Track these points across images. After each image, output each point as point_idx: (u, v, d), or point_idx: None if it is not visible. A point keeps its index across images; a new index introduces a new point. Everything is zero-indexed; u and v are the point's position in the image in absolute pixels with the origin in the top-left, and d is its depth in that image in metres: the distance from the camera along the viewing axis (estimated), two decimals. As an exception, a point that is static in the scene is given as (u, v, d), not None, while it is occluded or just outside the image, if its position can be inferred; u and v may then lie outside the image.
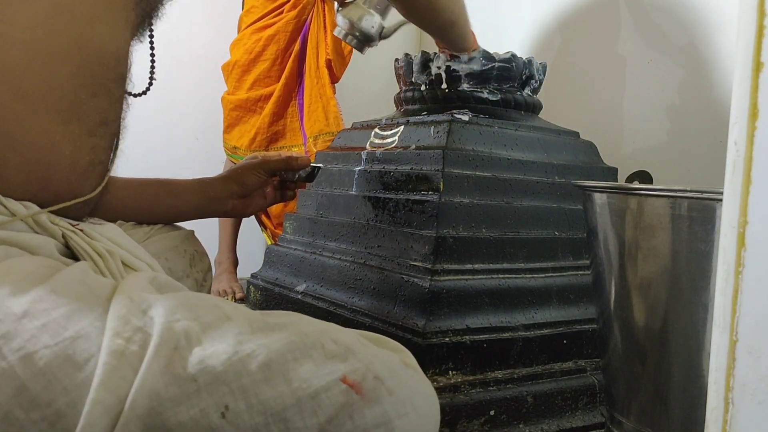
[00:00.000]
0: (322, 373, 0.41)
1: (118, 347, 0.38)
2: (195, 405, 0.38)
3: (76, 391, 0.36)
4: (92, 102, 0.49)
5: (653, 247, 0.67)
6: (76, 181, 0.49)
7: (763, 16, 0.35)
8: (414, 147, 1.03)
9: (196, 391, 0.38)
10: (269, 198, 0.91)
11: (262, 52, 1.74)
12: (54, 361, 0.36)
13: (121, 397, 0.36)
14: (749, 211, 0.35)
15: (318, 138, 1.74)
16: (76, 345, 0.37)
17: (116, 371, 0.37)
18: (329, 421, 0.40)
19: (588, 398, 0.92)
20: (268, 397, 0.39)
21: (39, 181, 0.46)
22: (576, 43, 1.71)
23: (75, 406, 0.36)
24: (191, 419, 0.37)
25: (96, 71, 0.49)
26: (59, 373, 0.36)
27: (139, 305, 0.40)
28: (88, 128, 0.49)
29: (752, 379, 0.36)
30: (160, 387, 0.37)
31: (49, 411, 0.36)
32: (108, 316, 0.39)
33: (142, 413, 0.36)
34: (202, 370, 0.38)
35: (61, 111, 0.47)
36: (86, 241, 0.48)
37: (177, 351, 0.38)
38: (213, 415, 0.38)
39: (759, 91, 0.35)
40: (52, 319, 0.38)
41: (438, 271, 0.89)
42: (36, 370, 0.36)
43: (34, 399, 0.36)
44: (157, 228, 0.80)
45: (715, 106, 1.34)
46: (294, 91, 1.77)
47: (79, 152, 0.49)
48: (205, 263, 0.87)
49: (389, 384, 0.42)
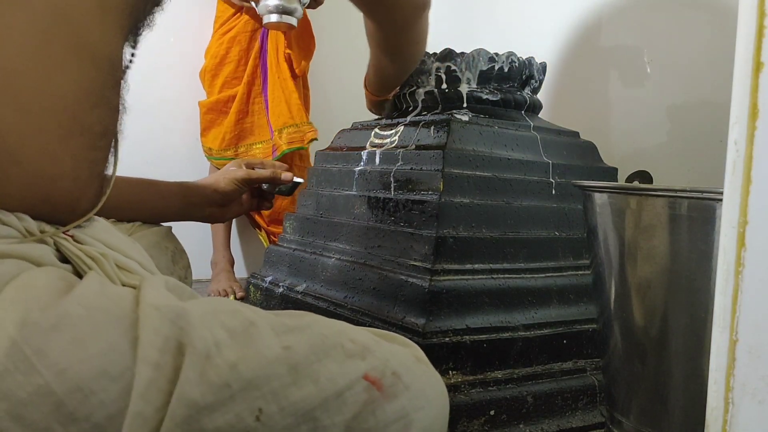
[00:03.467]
0: (345, 372, 0.43)
1: (153, 359, 0.38)
2: (230, 410, 0.39)
3: (113, 404, 0.36)
4: (93, 113, 0.48)
5: (653, 247, 0.67)
6: (78, 193, 0.48)
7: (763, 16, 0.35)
8: (414, 147, 1.03)
9: (231, 397, 0.39)
10: (245, 205, 0.94)
11: (227, 55, 1.80)
12: (88, 375, 0.36)
13: (158, 407, 0.37)
14: (749, 211, 0.35)
15: (283, 131, 1.79)
16: (108, 358, 0.37)
17: (153, 383, 0.37)
18: (354, 418, 0.42)
19: (588, 398, 0.92)
20: (297, 399, 0.41)
21: (40, 196, 0.46)
22: (576, 43, 1.71)
23: (113, 419, 0.36)
24: (227, 424, 0.38)
25: (94, 79, 0.48)
26: (95, 386, 0.36)
27: (166, 314, 0.40)
28: (89, 141, 0.48)
29: (752, 379, 0.36)
30: (196, 395, 0.38)
31: (87, 425, 0.36)
32: (138, 327, 0.39)
33: (181, 422, 0.37)
34: (235, 376, 0.39)
35: (63, 123, 0.46)
36: (78, 247, 0.48)
37: (209, 359, 0.39)
38: (248, 419, 0.39)
39: (759, 91, 0.35)
40: (82, 333, 0.38)
41: (438, 271, 0.89)
42: (72, 386, 0.36)
43: (71, 414, 0.36)
44: (137, 225, 0.80)
45: (715, 106, 1.34)
46: (259, 88, 1.82)
47: (80, 166, 0.48)
48: (185, 260, 0.87)
49: (406, 379, 0.44)
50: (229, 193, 0.88)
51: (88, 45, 0.47)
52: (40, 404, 0.35)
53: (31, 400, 0.35)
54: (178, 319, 0.40)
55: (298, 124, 1.79)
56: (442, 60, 1.11)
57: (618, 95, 1.59)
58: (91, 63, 0.48)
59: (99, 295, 0.41)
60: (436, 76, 1.12)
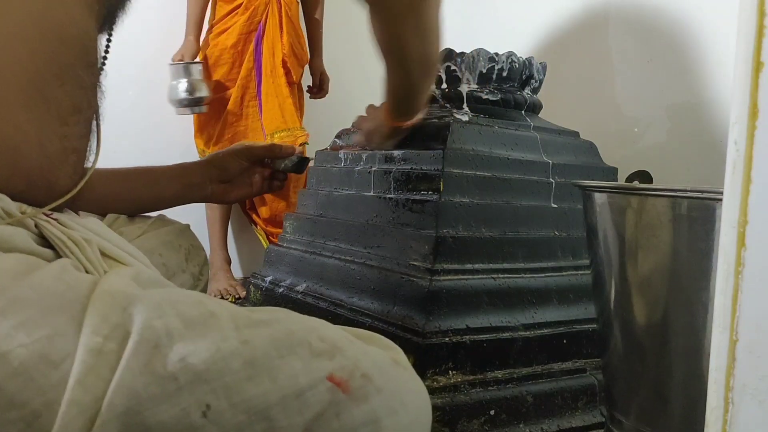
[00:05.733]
0: (308, 370, 0.40)
1: (96, 345, 0.37)
2: (176, 404, 0.37)
3: (52, 390, 0.35)
4: (62, 88, 0.48)
5: (653, 246, 0.67)
6: (49, 167, 0.48)
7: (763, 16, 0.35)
8: (414, 147, 1.03)
9: (177, 390, 0.37)
10: (256, 187, 0.90)
11: (221, 57, 1.80)
12: (29, 360, 0.35)
13: (98, 396, 0.36)
14: (749, 211, 0.35)
15: (275, 135, 1.81)
16: (52, 343, 0.36)
17: (93, 370, 0.36)
18: (315, 419, 0.39)
19: (588, 398, 0.92)
20: (252, 395, 0.38)
21: (7, 167, 0.45)
22: (576, 43, 1.71)
23: (51, 406, 0.35)
24: (172, 418, 0.36)
25: (61, 56, 0.48)
26: (35, 372, 0.35)
27: (119, 302, 0.39)
28: (57, 114, 0.48)
29: (752, 378, 0.36)
30: (139, 386, 0.36)
31: (25, 411, 0.35)
32: (86, 314, 0.38)
33: (121, 413, 0.36)
34: (184, 368, 0.37)
35: (24, 92, 0.45)
36: (60, 230, 0.47)
37: (157, 349, 0.37)
38: (194, 414, 0.37)
39: (759, 91, 0.35)
40: (28, 317, 0.37)
41: (438, 271, 0.89)
42: (11, 370, 0.35)
43: (10, 399, 0.35)
44: (150, 223, 0.79)
45: (715, 106, 1.34)
46: (253, 92, 1.83)
47: (47, 138, 0.47)
48: (201, 257, 0.86)
49: (378, 382, 0.42)
50: (229, 169, 0.85)
51: (50, 20, 0.47)
52: None
53: None
54: (129, 306, 0.39)
55: (291, 129, 1.81)
56: (442, 60, 1.11)
57: (618, 95, 1.59)
58: (58, 40, 0.48)
59: (55, 279, 0.40)
60: (436, 76, 1.12)
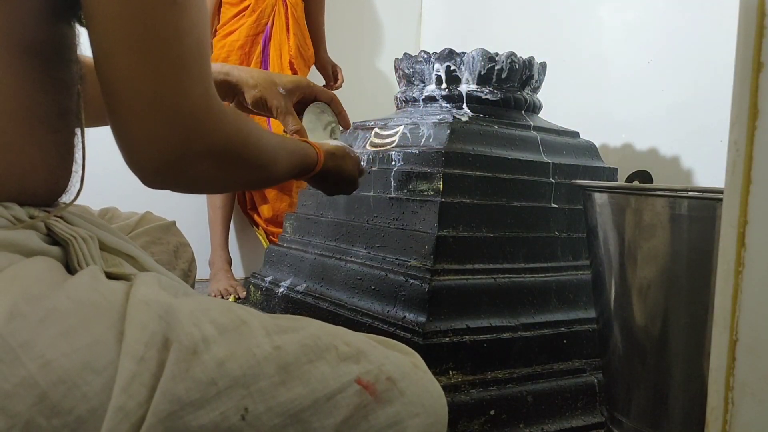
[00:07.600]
0: (337, 374, 0.42)
1: (137, 352, 0.38)
2: (215, 408, 0.38)
3: (96, 397, 0.36)
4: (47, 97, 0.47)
5: (653, 246, 0.67)
6: (53, 180, 0.48)
7: (763, 16, 0.35)
8: (414, 147, 1.03)
9: (217, 395, 0.38)
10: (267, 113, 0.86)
11: (227, 59, 1.79)
12: (73, 368, 0.36)
13: (141, 402, 0.37)
14: (749, 211, 0.35)
15: None
16: (93, 351, 0.37)
17: (137, 377, 0.37)
18: (345, 422, 0.41)
19: (588, 398, 0.92)
20: (286, 399, 0.40)
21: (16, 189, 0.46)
22: (576, 42, 1.71)
23: (96, 413, 0.36)
24: (212, 422, 0.38)
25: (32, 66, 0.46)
26: (78, 380, 0.36)
27: (155, 310, 0.40)
28: (50, 125, 0.48)
29: (752, 378, 0.36)
30: (180, 391, 0.38)
31: (70, 418, 0.36)
32: (125, 322, 0.39)
33: (164, 418, 0.37)
34: (222, 373, 0.39)
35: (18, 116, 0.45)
36: (67, 227, 0.48)
37: (196, 355, 0.39)
38: (233, 418, 0.39)
39: (759, 91, 0.35)
40: (69, 326, 0.38)
41: (438, 271, 0.89)
42: (56, 378, 0.36)
43: (55, 406, 0.36)
44: (136, 220, 0.80)
45: (715, 106, 1.34)
46: None
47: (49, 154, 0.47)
48: (189, 253, 0.87)
49: (401, 385, 0.44)
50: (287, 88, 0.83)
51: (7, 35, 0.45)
52: (24, 396, 0.36)
53: (15, 392, 0.35)
54: (166, 315, 0.40)
55: None
56: (442, 60, 1.11)
57: (618, 95, 1.59)
58: (23, 51, 0.46)
59: (89, 289, 0.41)
60: (436, 76, 1.12)
